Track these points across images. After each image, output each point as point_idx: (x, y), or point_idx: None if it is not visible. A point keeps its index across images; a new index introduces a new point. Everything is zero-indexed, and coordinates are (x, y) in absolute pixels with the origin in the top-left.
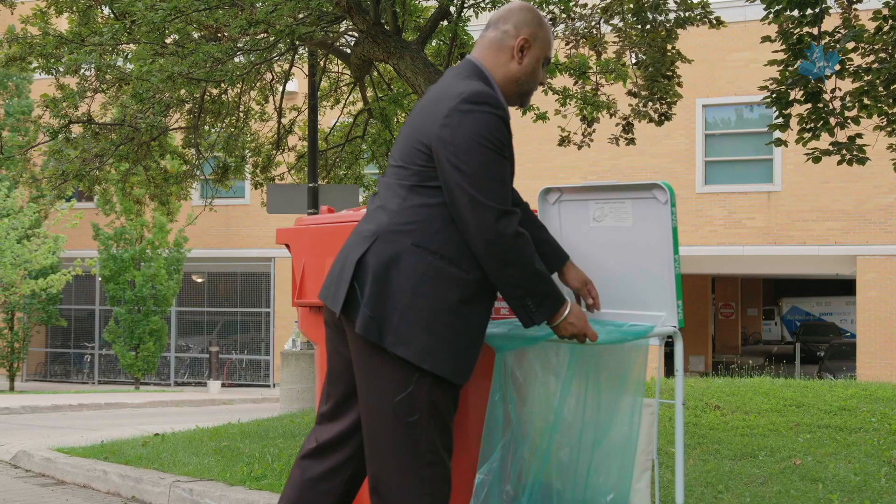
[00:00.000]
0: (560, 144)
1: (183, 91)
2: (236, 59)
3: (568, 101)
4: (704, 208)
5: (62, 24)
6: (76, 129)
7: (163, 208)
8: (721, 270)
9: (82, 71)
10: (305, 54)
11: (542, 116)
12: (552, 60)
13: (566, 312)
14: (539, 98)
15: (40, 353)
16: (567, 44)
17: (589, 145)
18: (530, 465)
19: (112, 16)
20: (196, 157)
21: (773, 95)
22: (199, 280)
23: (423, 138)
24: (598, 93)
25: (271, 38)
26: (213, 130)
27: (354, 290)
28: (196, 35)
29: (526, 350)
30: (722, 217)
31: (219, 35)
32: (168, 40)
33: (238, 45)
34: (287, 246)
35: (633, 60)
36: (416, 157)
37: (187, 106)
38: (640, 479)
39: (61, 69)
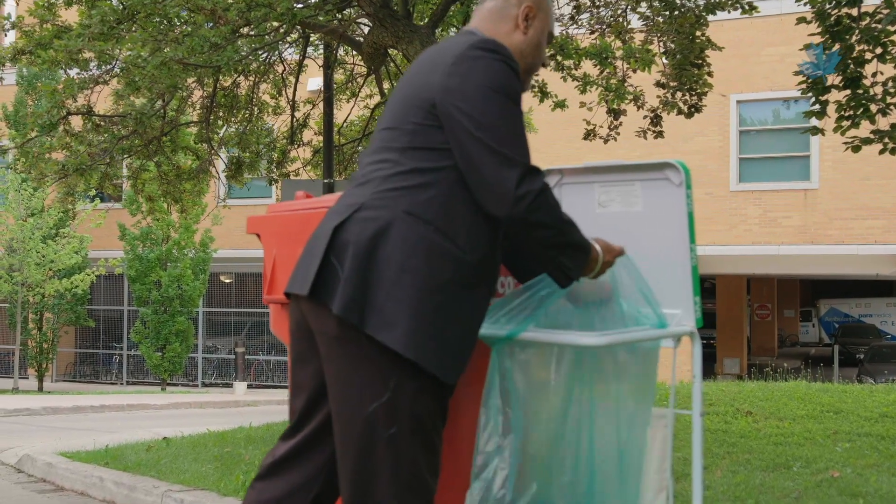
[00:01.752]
0: (585, 138)
1: (192, 81)
2: (241, 46)
3: (589, 87)
4: (739, 207)
5: (73, 16)
6: (78, 124)
7: (176, 206)
8: (756, 271)
9: (83, 59)
10: (321, 45)
11: (560, 104)
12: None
13: (599, 257)
14: (559, 86)
15: (70, 354)
16: (592, 33)
17: (615, 139)
18: (528, 481)
19: (121, 6)
20: (208, 153)
21: (809, 81)
22: (227, 280)
23: (424, 93)
24: (626, 83)
25: (274, 24)
26: (226, 125)
27: (331, 267)
28: (197, 20)
29: (523, 349)
30: (757, 216)
31: (218, 19)
32: (177, 31)
33: (242, 30)
34: (258, 236)
35: (662, 50)
36: (411, 114)
37: (192, 97)
38: (656, 499)
39: (61, 61)
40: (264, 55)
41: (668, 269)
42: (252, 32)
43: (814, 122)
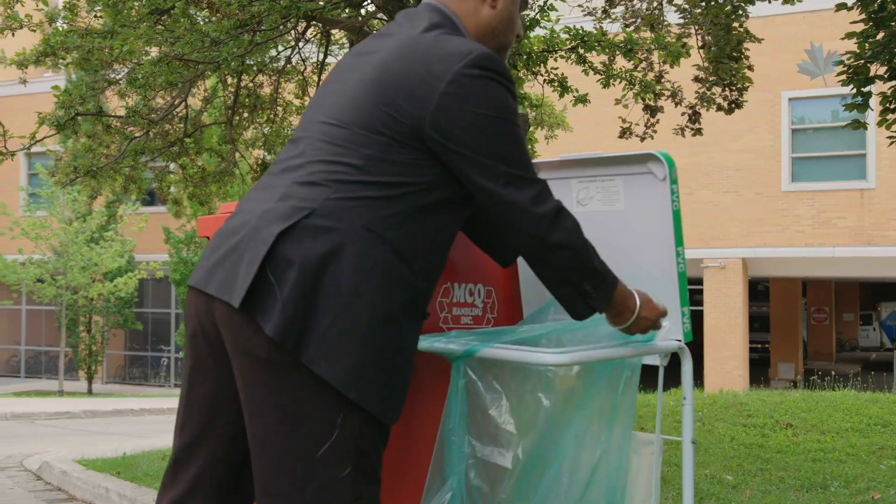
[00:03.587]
0: (621, 136)
1: (217, 81)
2: (244, 41)
3: (612, 81)
4: (791, 207)
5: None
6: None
7: (203, 209)
8: (811, 273)
9: (98, 59)
10: (347, 44)
11: (582, 99)
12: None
13: (638, 304)
14: (580, 79)
15: (119, 357)
16: (627, 26)
17: (652, 137)
18: None
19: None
20: (232, 154)
21: (850, 71)
22: None
23: (407, 106)
24: (662, 79)
25: (280, 18)
26: (251, 126)
27: (266, 280)
28: (199, 14)
29: (486, 366)
30: (810, 217)
31: (216, 11)
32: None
33: (249, 26)
34: (209, 239)
35: (700, 44)
36: (382, 122)
37: (212, 96)
38: None
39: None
40: (278, 52)
41: (654, 277)
42: (263, 28)
43: (856, 114)
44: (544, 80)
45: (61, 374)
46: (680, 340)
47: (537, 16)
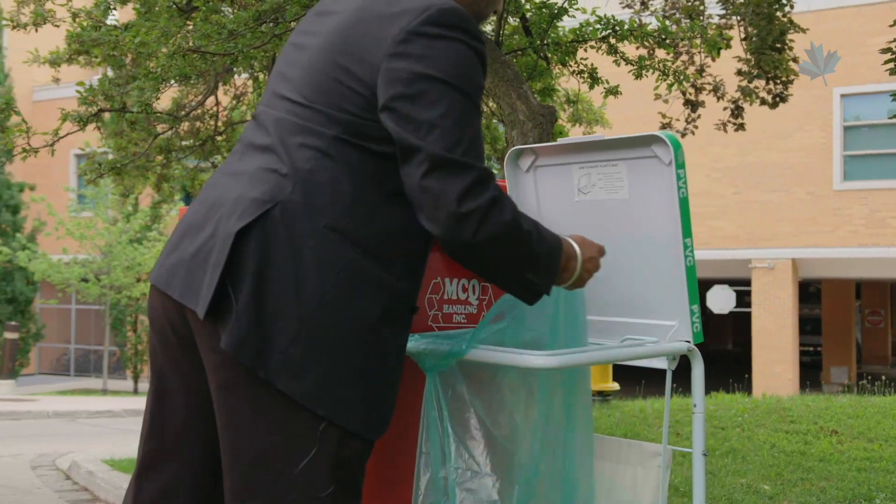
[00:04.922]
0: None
1: (245, 78)
2: (265, 35)
3: (644, 72)
4: (843, 206)
5: (126, 16)
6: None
7: None
8: (864, 274)
9: (122, 56)
10: None
11: (612, 91)
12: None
13: (578, 259)
14: (611, 70)
15: None
16: (665, 17)
17: (693, 132)
18: None
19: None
20: None
21: None
22: None
23: (359, 69)
24: (704, 73)
25: (299, 9)
26: None
27: (226, 287)
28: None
29: (468, 372)
30: (863, 216)
31: (232, 2)
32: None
33: (269, 17)
34: None
35: (742, 35)
36: (344, 97)
37: (237, 89)
38: None
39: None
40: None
41: (661, 271)
42: (286, 19)
43: None
44: (573, 71)
45: (105, 373)
46: (689, 342)
47: (565, 4)
